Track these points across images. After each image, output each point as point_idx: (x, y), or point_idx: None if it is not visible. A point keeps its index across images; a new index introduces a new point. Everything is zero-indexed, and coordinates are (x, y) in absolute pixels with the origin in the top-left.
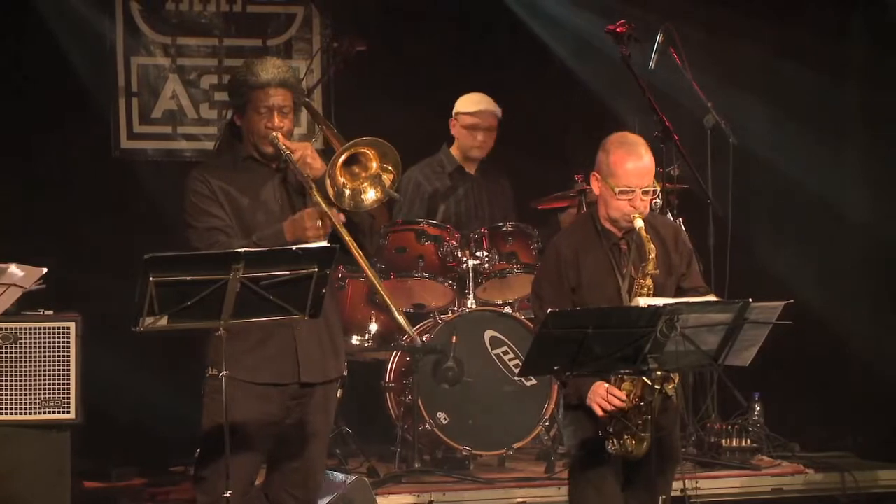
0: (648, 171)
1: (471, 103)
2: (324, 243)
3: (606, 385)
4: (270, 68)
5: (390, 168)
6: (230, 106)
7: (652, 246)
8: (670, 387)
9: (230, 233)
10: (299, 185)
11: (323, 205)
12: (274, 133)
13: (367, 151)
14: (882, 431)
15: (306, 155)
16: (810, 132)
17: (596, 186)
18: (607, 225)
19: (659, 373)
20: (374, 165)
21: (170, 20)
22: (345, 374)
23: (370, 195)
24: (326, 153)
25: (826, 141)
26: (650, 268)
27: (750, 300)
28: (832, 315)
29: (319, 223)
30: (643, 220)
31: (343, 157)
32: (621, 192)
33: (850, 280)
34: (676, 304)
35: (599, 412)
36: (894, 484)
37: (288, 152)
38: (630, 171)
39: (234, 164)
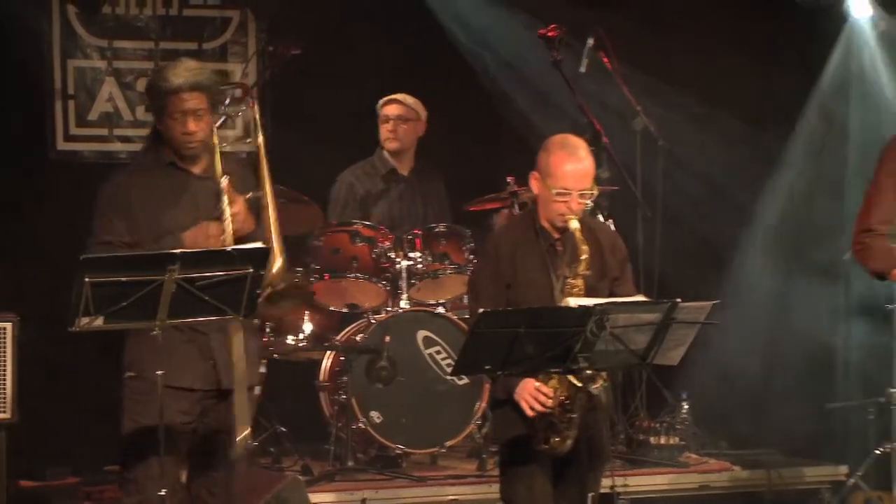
0: (587, 174)
1: (383, 99)
2: (258, 244)
3: (535, 383)
4: (182, 72)
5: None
6: (149, 111)
7: (585, 247)
8: (595, 386)
9: (121, 249)
10: (217, 195)
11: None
12: (224, 178)
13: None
14: (807, 429)
15: (242, 211)
16: (739, 133)
17: (535, 186)
18: (545, 225)
19: (588, 372)
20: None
21: (106, 23)
22: (263, 370)
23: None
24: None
25: (755, 142)
26: (582, 268)
27: (678, 300)
28: (761, 313)
29: (224, 238)
30: (580, 222)
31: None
32: (558, 194)
33: (779, 279)
34: (606, 304)
35: (528, 410)
36: (818, 480)
37: (226, 203)
38: (568, 173)
39: (156, 169)
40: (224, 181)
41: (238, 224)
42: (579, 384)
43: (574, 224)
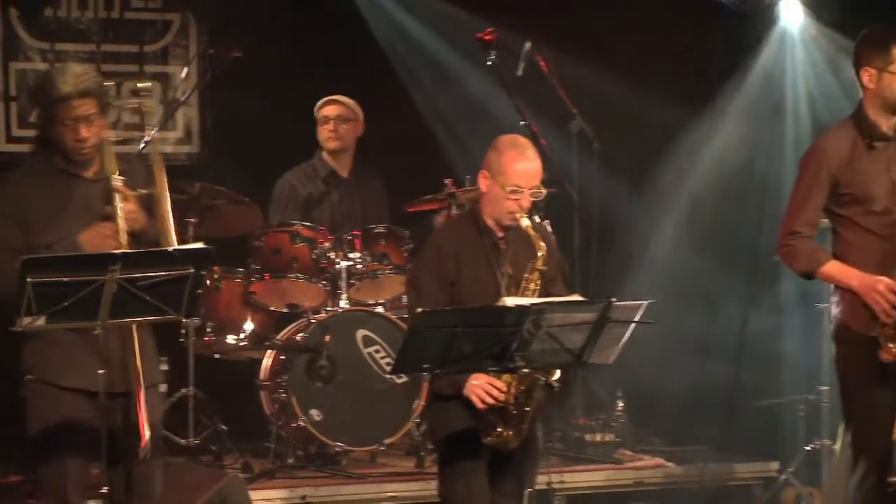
0: (537, 172)
1: (321, 101)
2: (200, 244)
3: (486, 376)
4: (70, 79)
5: None
6: (38, 117)
7: (542, 243)
8: (556, 378)
9: (10, 256)
10: (109, 194)
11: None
12: (116, 177)
13: None
14: (739, 425)
15: (135, 208)
16: (673, 135)
17: (484, 185)
18: (490, 223)
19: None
20: None
21: (48, 26)
22: (165, 368)
23: None
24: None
25: (690, 143)
26: (539, 263)
27: (613, 300)
28: (694, 311)
29: (119, 237)
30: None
31: None
32: (512, 192)
33: (712, 278)
34: (542, 303)
35: (479, 404)
36: (750, 476)
37: (119, 201)
38: (520, 172)
39: (47, 175)
40: (117, 180)
41: (131, 221)
42: (542, 378)
43: (525, 221)
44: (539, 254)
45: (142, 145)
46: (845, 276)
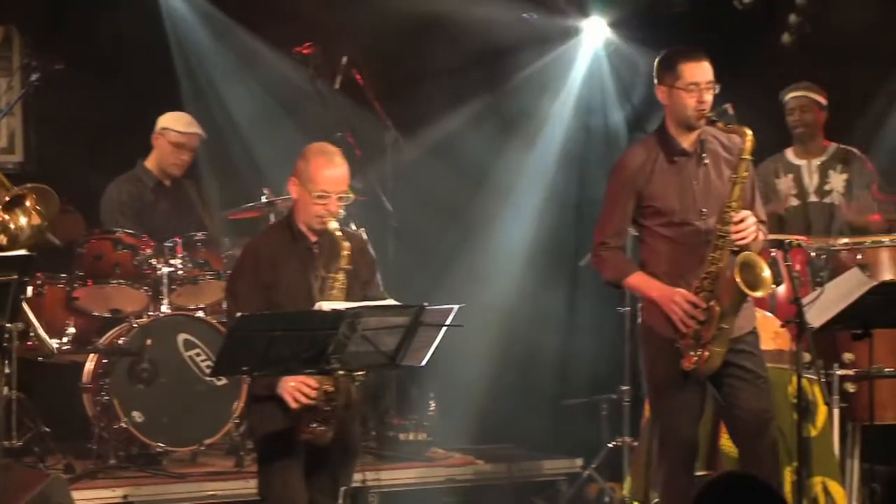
0: (343, 178)
1: (183, 123)
2: (22, 251)
3: (299, 377)
4: None
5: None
6: None
7: (346, 244)
8: (360, 374)
9: None
10: None
11: None
12: None
13: (31, 195)
14: (545, 424)
15: None
16: (488, 146)
17: (294, 191)
18: (303, 228)
19: None
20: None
21: None
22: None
23: (25, 234)
24: None
25: (505, 154)
26: (343, 263)
27: (425, 304)
28: (503, 314)
29: None
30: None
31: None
32: (318, 197)
33: (521, 283)
34: (358, 307)
35: (292, 403)
36: (556, 473)
37: None
38: (327, 178)
39: None
40: None
41: None
42: (341, 371)
43: (333, 224)
44: (343, 253)
45: None
46: (647, 288)
